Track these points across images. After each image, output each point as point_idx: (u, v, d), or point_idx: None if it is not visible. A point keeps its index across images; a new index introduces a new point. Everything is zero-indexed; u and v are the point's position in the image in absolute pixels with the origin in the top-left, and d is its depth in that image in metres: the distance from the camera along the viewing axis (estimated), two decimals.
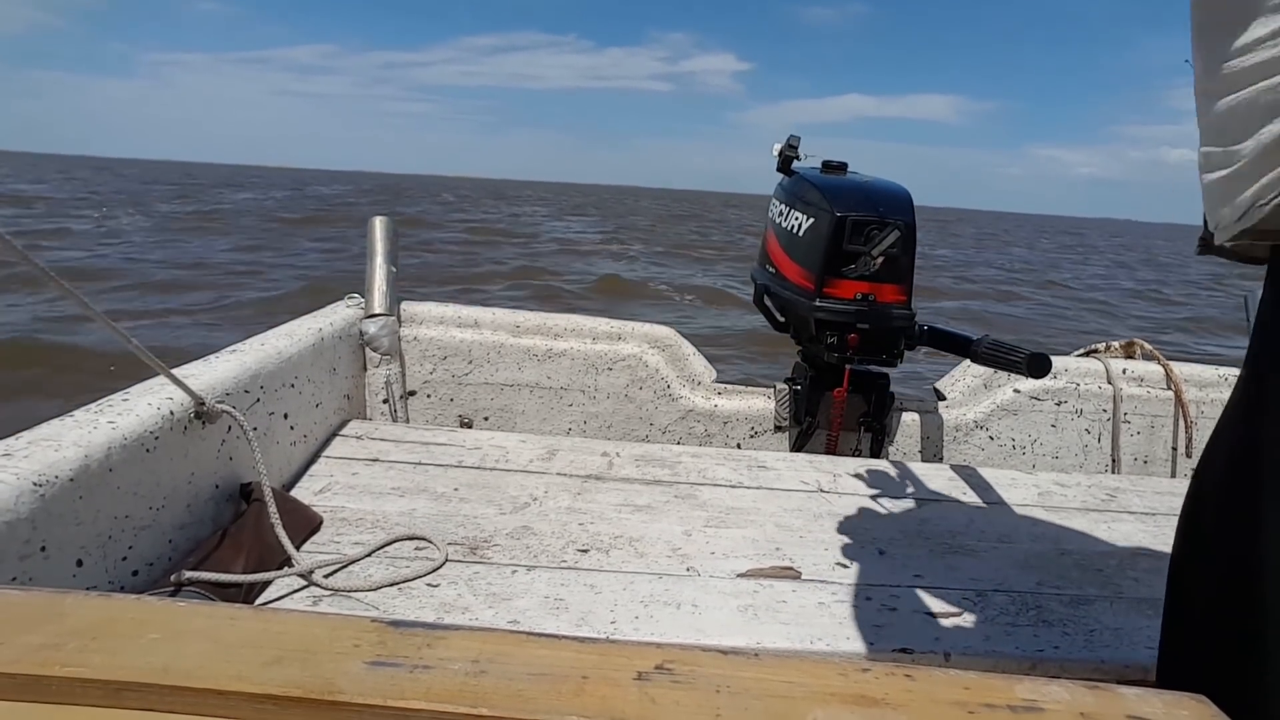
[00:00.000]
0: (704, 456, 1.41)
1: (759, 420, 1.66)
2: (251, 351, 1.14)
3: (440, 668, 0.33)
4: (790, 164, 1.64)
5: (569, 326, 1.65)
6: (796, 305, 1.54)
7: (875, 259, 1.43)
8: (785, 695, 0.33)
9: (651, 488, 1.25)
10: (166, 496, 0.88)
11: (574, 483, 1.25)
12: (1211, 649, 0.54)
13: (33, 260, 0.65)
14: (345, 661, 0.33)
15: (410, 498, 1.15)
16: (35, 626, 0.35)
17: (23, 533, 0.67)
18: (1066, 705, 0.34)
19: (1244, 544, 0.52)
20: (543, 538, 1.05)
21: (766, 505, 1.21)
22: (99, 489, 0.76)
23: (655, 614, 0.89)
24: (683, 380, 1.66)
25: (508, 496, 1.18)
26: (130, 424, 0.82)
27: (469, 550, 1.00)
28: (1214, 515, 0.56)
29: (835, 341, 1.49)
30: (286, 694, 0.31)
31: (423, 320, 1.63)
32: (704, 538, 1.08)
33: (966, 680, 0.35)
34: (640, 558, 1.01)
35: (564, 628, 0.84)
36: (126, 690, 0.32)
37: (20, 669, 0.32)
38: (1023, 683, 0.35)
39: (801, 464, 1.40)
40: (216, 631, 0.35)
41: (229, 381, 1.02)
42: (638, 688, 0.33)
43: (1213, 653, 0.54)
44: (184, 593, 0.80)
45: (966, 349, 1.55)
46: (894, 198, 1.51)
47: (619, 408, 1.65)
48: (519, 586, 0.92)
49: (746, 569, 1.00)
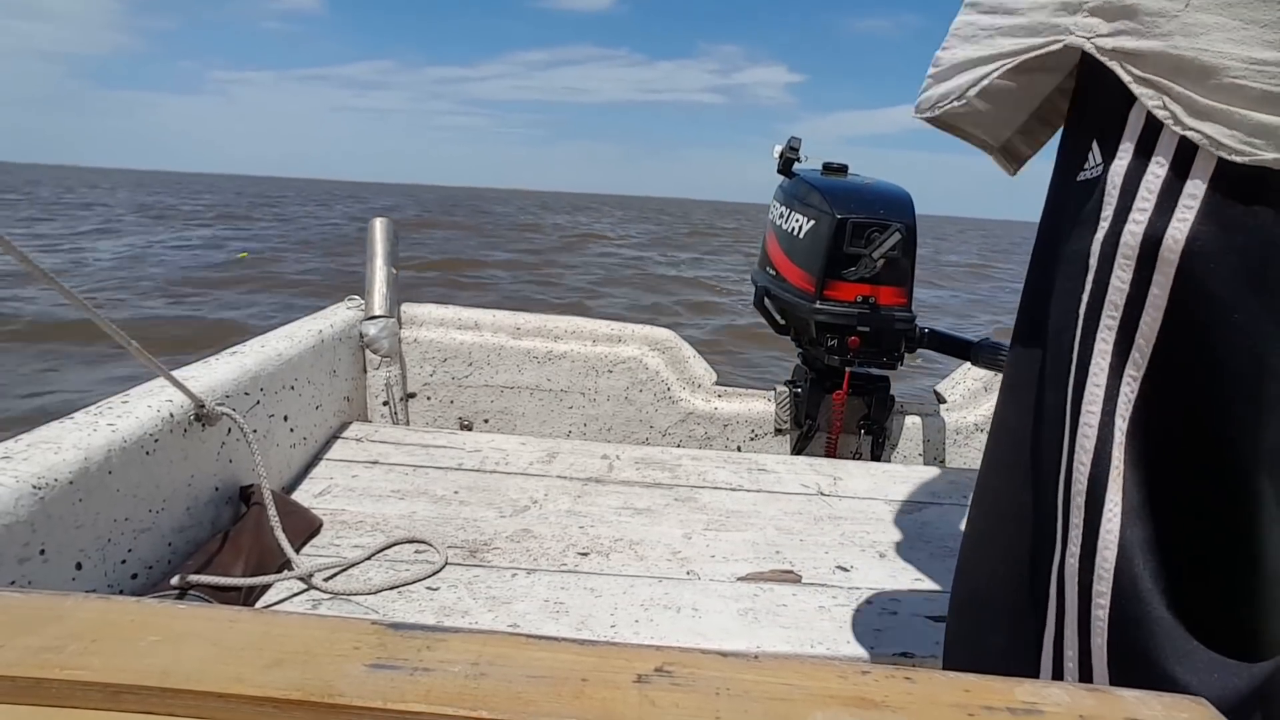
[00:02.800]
0: (704, 459, 1.41)
1: (759, 423, 1.66)
2: (251, 353, 1.14)
3: (440, 670, 0.33)
4: (791, 166, 1.64)
5: (569, 329, 1.65)
6: (797, 307, 1.54)
7: (876, 261, 1.43)
8: (785, 697, 0.33)
9: (651, 490, 1.25)
10: (166, 499, 0.87)
11: (574, 485, 1.25)
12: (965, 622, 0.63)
13: (32, 262, 0.65)
14: (345, 664, 0.33)
15: (410, 500, 1.15)
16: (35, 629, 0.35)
17: (22, 536, 0.67)
18: (1066, 708, 0.34)
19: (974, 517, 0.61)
20: (543, 541, 1.05)
21: (766, 508, 1.21)
22: (98, 492, 0.76)
23: (655, 618, 0.89)
24: (683, 383, 1.66)
25: (508, 499, 1.18)
26: (130, 426, 0.82)
27: (469, 553, 1.00)
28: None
29: (835, 344, 1.49)
30: (286, 696, 0.31)
31: (423, 322, 1.63)
32: (704, 541, 1.08)
33: (966, 682, 0.35)
34: (640, 561, 1.01)
35: (564, 631, 0.84)
36: (126, 693, 0.32)
37: (19, 672, 0.32)
38: (1022, 685, 0.35)
39: (801, 467, 1.40)
40: (216, 634, 0.35)
41: (229, 384, 1.02)
42: (637, 690, 0.33)
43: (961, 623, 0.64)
44: (184, 596, 0.80)
45: (967, 352, 1.55)
46: (895, 200, 1.51)
47: (619, 410, 1.65)
48: (519, 590, 0.92)
49: (746, 572, 1.00)
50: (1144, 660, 0.45)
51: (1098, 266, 0.46)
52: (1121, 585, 0.46)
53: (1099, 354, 0.46)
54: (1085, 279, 0.47)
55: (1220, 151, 0.41)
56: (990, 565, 0.58)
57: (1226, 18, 0.41)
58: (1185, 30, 0.42)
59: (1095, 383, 0.46)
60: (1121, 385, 0.46)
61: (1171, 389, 0.45)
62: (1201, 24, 0.41)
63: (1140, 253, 0.44)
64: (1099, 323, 0.46)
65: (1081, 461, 0.47)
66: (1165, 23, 0.43)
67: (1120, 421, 0.46)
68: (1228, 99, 0.41)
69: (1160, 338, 0.44)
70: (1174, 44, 0.43)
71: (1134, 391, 0.45)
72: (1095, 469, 0.46)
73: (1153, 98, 0.44)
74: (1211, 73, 0.41)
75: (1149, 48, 0.44)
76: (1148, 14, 0.44)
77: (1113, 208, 0.46)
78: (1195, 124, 0.42)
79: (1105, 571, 0.46)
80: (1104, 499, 0.46)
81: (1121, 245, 0.45)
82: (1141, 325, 0.44)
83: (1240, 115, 0.40)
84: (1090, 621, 0.47)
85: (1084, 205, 0.48)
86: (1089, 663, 0.48)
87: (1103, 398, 0.46)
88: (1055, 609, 0.50)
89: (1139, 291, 0.44)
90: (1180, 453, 0.45)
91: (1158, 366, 0.44)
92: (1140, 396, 0.45)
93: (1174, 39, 0.43)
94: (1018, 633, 0.53)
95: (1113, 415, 0.46)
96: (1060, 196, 0.52)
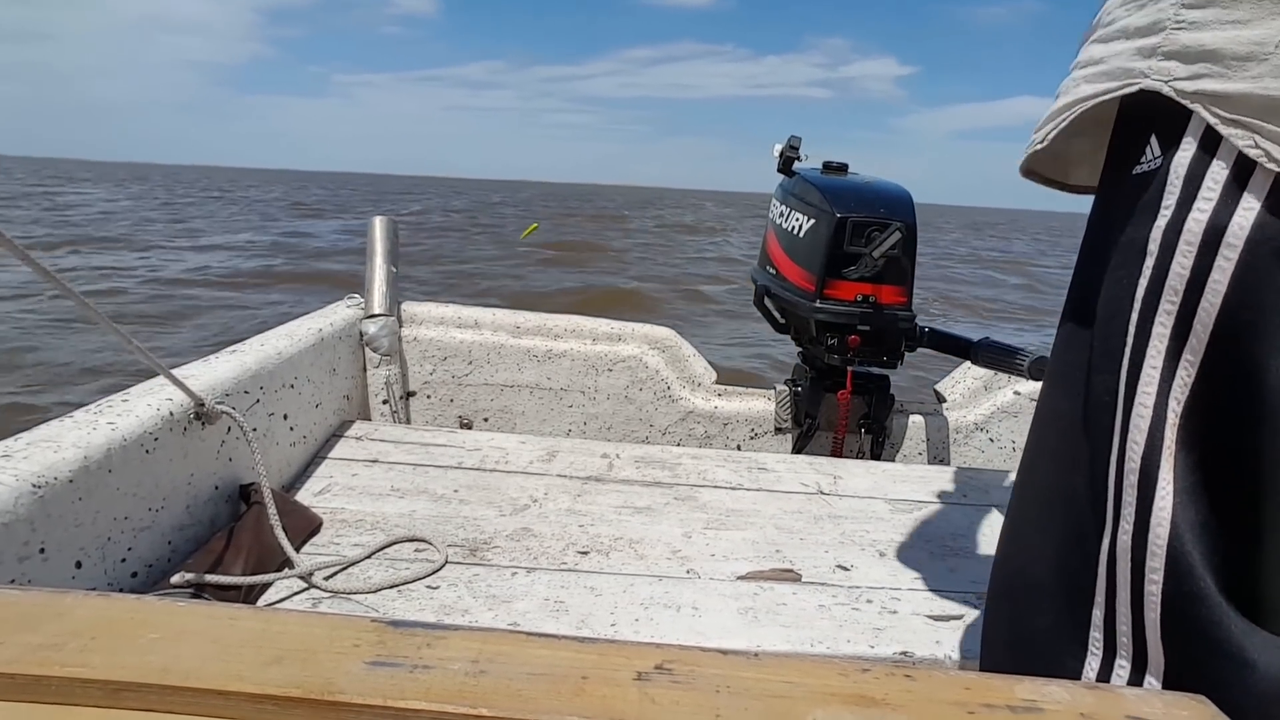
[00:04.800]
0: (704, 458, 1.41)
1: (759, 422, 1.66)
2: (251, 352, 1.14)
3: (440, 668, 0.33)
4: (791, 165, 1.64)
5: (569, 327, 1.65)
6: (797, 306, 1.54)
7: (876, 260, 1.43)
8: (785, 695, 0.33)
9: (651, 489, 1.25)
10: (166, 498, 0.87)
11: (574, 484, 1.25)
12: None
13: (34, 261, 0.65)
14: (345, 661, 0.33)
15: (410, 499, 1.15)
16: (35, 626, 0.35)
17: (22, 534, 0.67)
18: (1066, 705, 0.34)
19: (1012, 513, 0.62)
20: (543, 539, 1.05)
21: (766, 507, 1.21)
22: (98, 490, 0.76)
23: (655, 616, 0.89)
24: (683, 381, 1.66)
25: (507, 498, 1.18)
26: (130, 425, 0.82)
27: (469, 552, 1.00)
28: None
29: (836, 343, 1.49)
30: (286, 694, 0.31)
31: (423, 321, 1.63)
32: (704, 540, 1.08)
33: (966, 680, 0.35)
34: (640, 560, 1.01)
35: (564, 630, 0.84)
36: (126, 690, 0.32)
37: (19, 669, 0.32)
38: (1022, 683, 0.35)
39: (801, 466, 1.40)
40: (216, 631, 0.35)
41: (228, 382, 1.02)
42: (637, 688, 0.33)
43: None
44: (183, 594, 0.80)
45: (967, 351, 1.55)
46: (895, 198, 1.51)
47: (619, 409, 1.65)
48: (519, 589, 0.92)
49: (746, 571, 1.00)
50: (1198, 634, 0.47)
51: (1158, 253, 0.48)
52: (1174, 561, 0.47)
53: (1156, 337, 0.48)
54: (1143, 265, 0.49)
55: None
56: (1036, 549, 0.59)
57: None
58: (1276, 72, 0.44)
59: (1151, 365, 0.48)
60: (1178, 369, 0.47)
61: (1226, 375, 0.46)
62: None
63: (1203, 239, 0.45)
64: (1158, 308, 0.48)
65: (1135, 441, 0.49)
66: (1254, 66, 0.44)
67: (1175, 404, 0.47)
68: None
69: (1218, 323, 0.45)
70: (1264, 85, 0.44)
71: (1190, 375, 0.46)
72: (1148, 449, 0.48)
73: (1243, 138, 0.45)
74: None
75: (1236, 89, 0.45)
76: (1235, 58, 0.45)
77: (1175, 196, 0.47)
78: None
79: (1158, 548, 0.47)
80: (1156, 479, 0.47)
81: (1185, 232, 0.46)
82: (1200, 311, 0.46)
83: None
84: (1144, 598, 0.49)
85: (1142, 196, 0.50)
86: (1143, 637, 0.49)
87: (1158, 379, 0.48)
88: (1105, 587, 0.51)
89: (1199, 278, 0.45)
90: (1233, 436, 0.46)
91: (1214, 352, 0.46)
92: (1196, 381, 0.46)
93: (1264, 80, 0.44)
94: (1065, 612, 0.54)
95: (1166, 398, 0.47)
96: (1114, 189, 0.54)
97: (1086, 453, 0.53)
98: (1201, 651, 0.47)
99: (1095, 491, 0.52)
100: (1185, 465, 0.47)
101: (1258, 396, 0.45)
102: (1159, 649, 0.49)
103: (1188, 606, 0.47)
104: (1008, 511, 0.63)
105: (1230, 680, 0.46)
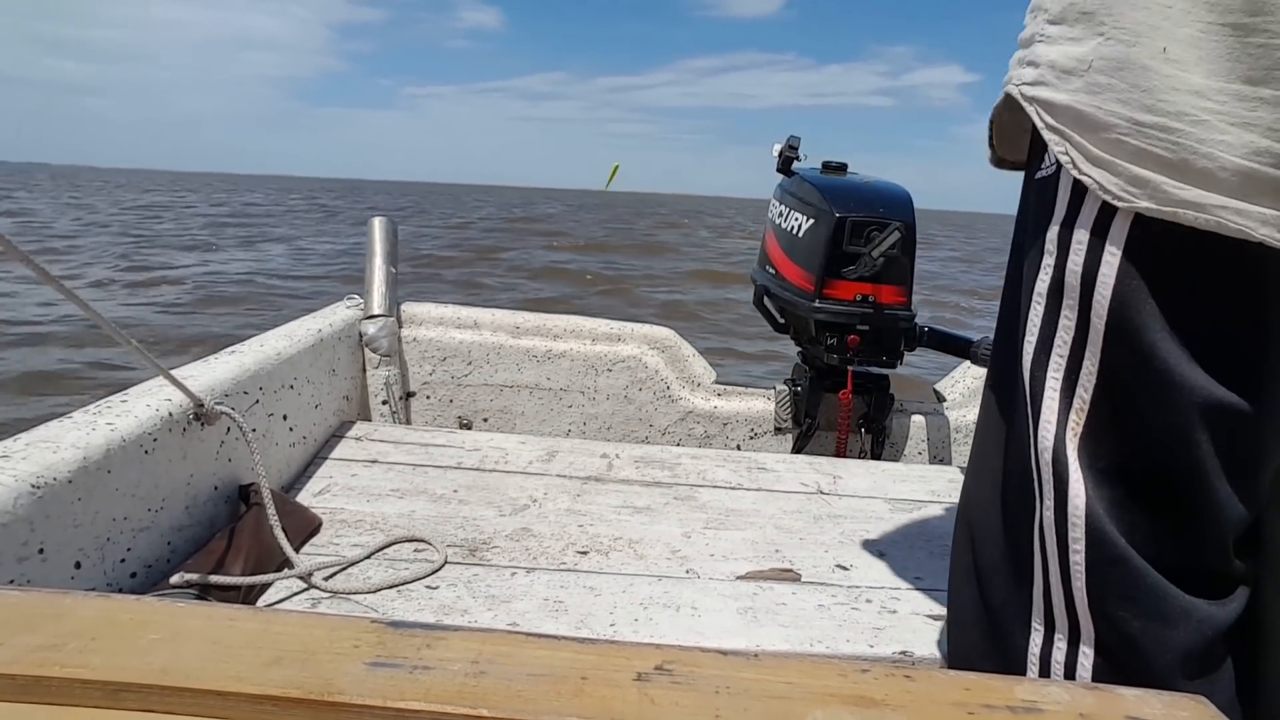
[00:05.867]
0: (703, 458, 1.41)
1: (759, 421, 1.66)
2: (250, 352, 1.14)
3: (440, 668, 0.33)
4: (790, 164, 1.64)
5: (568, 328, 1.65)
6: (796, 306, 1.54)
7: (875, 260, 1.43)
8: (785, 696, 0.33)
9: (651, 489, 1.25)
10: (165, 498, 0.87)
11: (573, 484, 1.25)
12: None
13: (34, 262, 0.65)
14: (345, 662, 0.33)
15: (409, 499, 1.14)
16: (34, 627, 0.35)
17: (20, 534, 0.67)
18: (1066, 706, 0.34)
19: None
20: (542, 540, 1.05)
21: (766, 507, 1.21)
22: (97, 491, 0.76)
23: (655, 616, 0.89)
24: (682, 381, 1.66)
25: (507, 498, 1.18)
26: (129, 425, 0.82)
27: (468, 552, 1.00)
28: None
29: (835, 343, 1.49)
30: (286, 695, 0.31)
31: (422, 321, 1.63)
32: (703, 540, 1.08)
33: (966, 681, 0.35)
34: (640, 560, 1.01)
35: (563, 630, 0.84)
36: (126, 691, 0.32)
37: (19, 669, 0.32)
38: (1022, 683, 0.35)
39: (801, 465, 1.40)
40: (216, 632, 0.35)
41: (228, 383, 1.02)
42: (637, 688, 0.33)
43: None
44: (183, 595, 0.80)
45: (967, 350, 1.55)
46: (894, 198, 1.51)
47: (618, 409, 1.65)
48: (518, 589, 0.92)
49: (746, 571, 1.00)
50: (1121, 596, 0.51)
51: (1056, 253, 0.53)
52: (1093, 530, 0.51)
53: (1062, 329, 0.53)
54: (1041, 262, 0.54)
55: (1105, 196, 0.48)
56: (985, 530, 0.62)
57: (1117, 80, 0.47)
58: (1088, 88, 0.49)
59: (1059, 354, 0.53)
60: (1084, 359, 0.51)
61: (1125, 361, 0.50)
62: (1099, 84, 0.48)
63: (1089, 245, 0.50)
64: (1061, 305, 0.52)
65: (1047, 421, 0.53)
66: (1074, 80, 0.50)
67: (1082, 391, 0.52)
68: (1113, 152, 0.48)
69: (1111, 312, 0.50)
70: (1078, 99, 0.49)
71: (1095, 365, 0.51)
72: (1058, 432, 0.52)
73: (1058, 144, 0.51)
74: (1103, 128, 0.48)
75: (1059, 99, 0.51)
76: (1064, 70, 0.51)
77: (1065, 204, 0.52)
78: (1089, 170, 0.49)
79: (1078, 518, 0.51)
80: (1066, 458, 0.52)
81: (1075, 233, 0.51)
82: (1094, 304, 0.50)
83: (1122, 166, 0.47)
84: (1069, 567, 0.52)
85: (1043, 199, 0.55)
86: (1074, 610, 0.53)
87: (1064, 368, 0.52)
88: (1040, 563, 0.55)
89: (1090, 276, 0.50)
90: (1136, 416, 0.50)
91: (1111, 338, 0.50)
92: (1100, 369, 0.51)
93: (1079, 95, 0.49)
94: (1014, 591, 0.58)
95: (1074, 385, 0.52)
96: (1027, 189, 0.59)
97: (1017, 436, 0.57)
98: (1126, 612, 0.50)
99: (1024, 471, 0.56)
100: (1094, 443, 0.51)
101: (1153, 377, 0.49)
102: (1089, 619, 0.52)
103: (1109, 568, 0.50)
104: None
105: (1153, 636, 0.50)
